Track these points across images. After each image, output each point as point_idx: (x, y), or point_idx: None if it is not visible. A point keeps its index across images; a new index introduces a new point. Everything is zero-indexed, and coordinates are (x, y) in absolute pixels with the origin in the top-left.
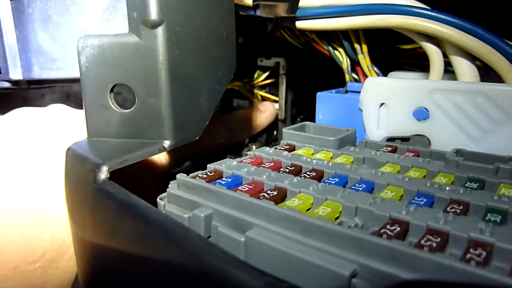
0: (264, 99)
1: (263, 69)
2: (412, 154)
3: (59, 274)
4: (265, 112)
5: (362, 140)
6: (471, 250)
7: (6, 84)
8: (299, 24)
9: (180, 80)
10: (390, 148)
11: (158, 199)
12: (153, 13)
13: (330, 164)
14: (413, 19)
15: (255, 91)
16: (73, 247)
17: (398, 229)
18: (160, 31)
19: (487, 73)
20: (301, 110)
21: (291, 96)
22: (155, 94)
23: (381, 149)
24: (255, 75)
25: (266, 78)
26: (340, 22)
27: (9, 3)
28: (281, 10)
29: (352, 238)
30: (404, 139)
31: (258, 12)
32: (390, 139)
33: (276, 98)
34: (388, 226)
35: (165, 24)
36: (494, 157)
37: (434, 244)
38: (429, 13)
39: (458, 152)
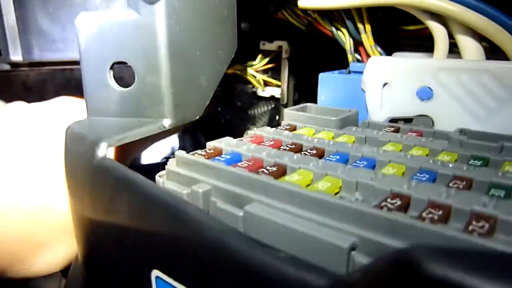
0: (266, 83)
1: (266, 53)
2: (415, 134)
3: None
4: None
5: (364, 120)
6: (474, 223)
7: (6, 66)
8: (302, 4)
9: (180, 57)
10: (392, 129)
11: (156, 176)
12: None
13: (331, 143)
14: None
15: (257, 75)
16: (73, 225)
17: (399, 202)
18: (159, 7)
19: (494, 54)
20: (304, 94)
21: (293, 80)
22: (154, 71)
23: (383, 129)
24: (257, 59)
25: (268, 62)
26: (343, 0)
27: None
28: None
29: (352, 211)
30: (407, 120)
31: None
32: (393, 120)
33: (279, 83)
34: (388, 200)
35: (165, 0)
36: (498, 136)
37: (436, 217)
38: None
39: (462, 131)
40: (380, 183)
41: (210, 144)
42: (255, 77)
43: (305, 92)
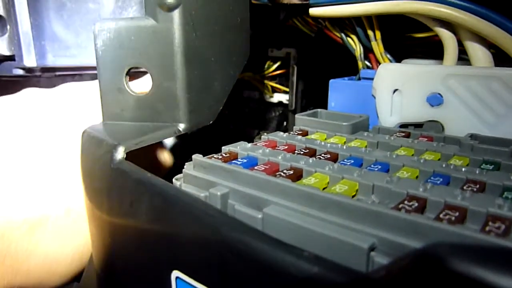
0: (274, 89)
1: (274, 59)
2: (426, 139)
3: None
4: None
5: (375, 126)
6: (490, 223)
7: (20, 71)
8: (313, 11)
9: (196, 63)
10: (403, 134)
11: (174, 179)
12: None
13: (345, 147)
14: (428, 5)
15: (266, 81)
16: (89, 227)
17: (416, 204)
18: (176, 14)
19: (502, 62)
20: (311, 100)
21: (301, 86)
22: (170, 77)
23: (394, 135)
24: (266, 66)
25: (276, 69)
26: (354, 8)
27: None
28: None
29: (371, 212)
30: (417, 126)
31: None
32: (403, 126)
33: (286, 89)
34: (406, 202)
35: (182, 7)
36: (509, 141)
37: (453, 218)
38: None
39: (473, 136)
40: (396, 186)
41: (225, 148)
42: (263, 83)
43: (312, 98)
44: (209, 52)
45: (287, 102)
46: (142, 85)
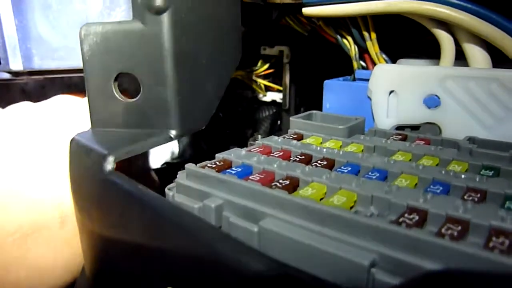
0: (267, 88)
1: (266, 57)
2: (423, 142)
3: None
4: None
5: (371, 128)
6: (494, 239)
7: (6, 75)
8: (306, 11)
9: (186, 67)
10: (400, 137)
11: (166, 189)
12: None
13: (341, 153)
14: (425, 4)
15: (258, 80)
16: (80, 238)
17: (417, 217)
18: (165, 17)
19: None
20: (305, 99)
21: (294, 85)
22: (160, 82)
23: (391, 138)
24: (258, 64)
25: (269, 67)
26: (348, 8)
27: None
28: None
29: (371, 227)
30: (414, 128)
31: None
32: (399, 128)
33: (280, 87)
34: (406, 215)
35: (171, 10)
36: (508, 145)
37: (455, 233)
38: None
39: (471, 139)
40: (396, 197)
41: (219, 156)
42: (256, 82)
43: (306, 96)
44: (200, 55)
45: (280, 101)
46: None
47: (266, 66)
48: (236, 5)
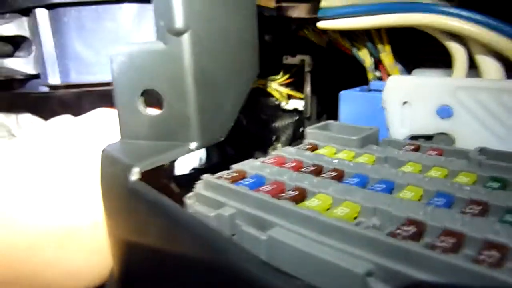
0: (289, 96)
1: (288, 67)
2: (436, 152)
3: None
4: None
5: (385, 138)
6: (485, 252)
7: (45, 89)
8: (321, 24)
9: (206, 84)
10: (413, 147)
11: (185, 198)
12: (179, 22)
13: (352, 164)
14: (437, 17)
15: (280, 88)
16: (109, 243)
17: (414, 230)
18: (185, 38)
19: None
20: (327, 106)
21: (316, 93)
22: (182, 98)
23: (403, 148)
24: (280, 73)
25: (291, 76)
26: (362, 21)
27: (46, 13)
28: (303, 11)
29: (368, 238)
30: (428, 138)
31: (280, 14)
32: (413, 138)
33: (301, 95)
34: (404, 227)
35: (191, 31)
36: None
37: (449, 245)
38: (453, 10)
39: (482, 150)
40: (397, 209)
41: (234, 167)
42: (278, 90)
43: (327, 104)
44: (219, 72)
45: (302, 109)
46: None
47: (288, 75)
48: (254, 21)
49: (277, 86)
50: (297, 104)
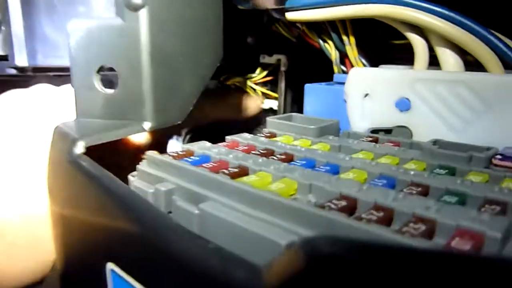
0: (265, 95)
1: (265, 66)
2: (392, 144)
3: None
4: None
5: (345, 130)
6: (411, 224)
7: (13, 71)
8: (289, 16)
9: (162, 63)
10: (371, 139)
11: (129, 175)
12: None
13: (303, 149)
14: (398, 8)
15: (257, 87)
16: (51, 225)
17: (344, 203)
18: (142, 13)
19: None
20: (302, 107)
21: (290, 92)
22: (136, 75)
23: (361, 139)
24: (256, 72)
25: (267, 75)
26: (326, 12)
27: None
28: (271, 1)
29: (295, 210)
30: (388, 131)
31: (250, 4)
32: (374, 131)
33: (277, 95)
34: (334, 200)
35: (148, 7)
36: (470, 147)
37: (375, 218)
38: (414, 2)
39: (436, 142)
40: (332, 186)
41: (184, 147)
42: (254, 89)
43: (302, 104)
44: (177, 52)
45: (277, 108)
46: None
47: (264, 73)
48: (218, 8)
49: (253, 85)
50: (273, 103)
